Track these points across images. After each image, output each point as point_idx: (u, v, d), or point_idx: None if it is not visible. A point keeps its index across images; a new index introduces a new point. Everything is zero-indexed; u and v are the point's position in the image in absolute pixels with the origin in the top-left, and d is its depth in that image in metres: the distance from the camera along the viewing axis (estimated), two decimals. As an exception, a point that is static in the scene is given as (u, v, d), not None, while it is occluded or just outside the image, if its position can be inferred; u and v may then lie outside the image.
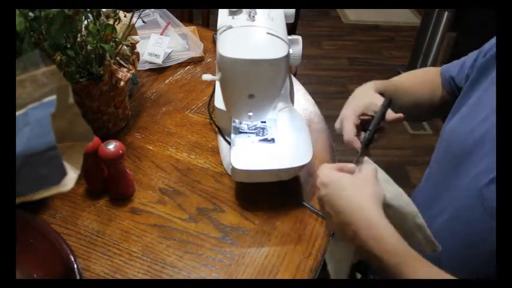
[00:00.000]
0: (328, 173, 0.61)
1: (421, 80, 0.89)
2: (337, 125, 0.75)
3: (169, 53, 1.09)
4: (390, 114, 0.71)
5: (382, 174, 0.63)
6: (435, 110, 0.88)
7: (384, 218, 0.55)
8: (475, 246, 0.63)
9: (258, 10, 0.70)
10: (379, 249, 0.53)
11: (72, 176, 0.45)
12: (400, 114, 0.71)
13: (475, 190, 0.62)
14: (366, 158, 0.65)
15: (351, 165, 0.63)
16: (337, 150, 0.88)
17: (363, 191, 0.58)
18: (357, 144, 0.68)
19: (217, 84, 0.83)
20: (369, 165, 0.63)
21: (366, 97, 0.74)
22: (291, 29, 1.65)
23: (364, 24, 3.28)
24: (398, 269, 0.51)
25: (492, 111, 0.64)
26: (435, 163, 0.79)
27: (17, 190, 0.43)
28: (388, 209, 0.59)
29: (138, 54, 0.84)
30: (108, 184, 0.73)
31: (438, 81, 0.86)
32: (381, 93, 0.76)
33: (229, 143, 0.81)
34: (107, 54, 0.75)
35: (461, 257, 0.65)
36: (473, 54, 0.79)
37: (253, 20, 0.68)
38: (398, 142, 2.16)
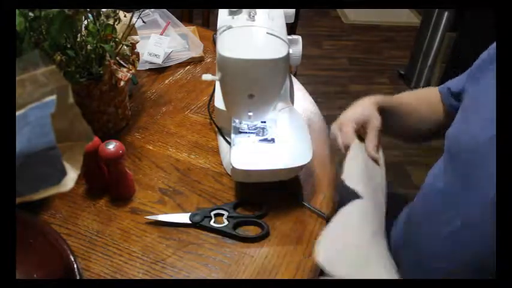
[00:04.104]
0: None
1: (424, 98, 0.87)
2: (334, 129, 0.74)
3: (169, 53, 1.09)
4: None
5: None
6: (436, 130, 0.87)
7: None
8: (484, 260, 0.60)
9: (258, 10, 0.70)
10: None
11: (72, 176, 0.45)
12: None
13: (486, 202, 0.59)
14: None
15: None
16: (337, 150, 0.88)
17: None
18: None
19: (217, 84, 0.83)
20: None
21: (366, 110, 0.74)
22: (291, 29, 1.65)
23: (364, 24, 3.28)
24: None
25: (493, 113, 0.62)
26: (442, 169, 0.76)
27: (17, 190, 0.43)
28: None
29: (138, 54, 0.84)
30: (108, 184, 0.73)
31: (438, 99, 0.85)
32: (382, 108, 0.75)
33: (229, 143, 0.81)
34: (107, 54, 0.75)
35: (471, 268, 0.63)
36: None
37: (253, 20, 0.68)
38: (398, 142, 2.15)
